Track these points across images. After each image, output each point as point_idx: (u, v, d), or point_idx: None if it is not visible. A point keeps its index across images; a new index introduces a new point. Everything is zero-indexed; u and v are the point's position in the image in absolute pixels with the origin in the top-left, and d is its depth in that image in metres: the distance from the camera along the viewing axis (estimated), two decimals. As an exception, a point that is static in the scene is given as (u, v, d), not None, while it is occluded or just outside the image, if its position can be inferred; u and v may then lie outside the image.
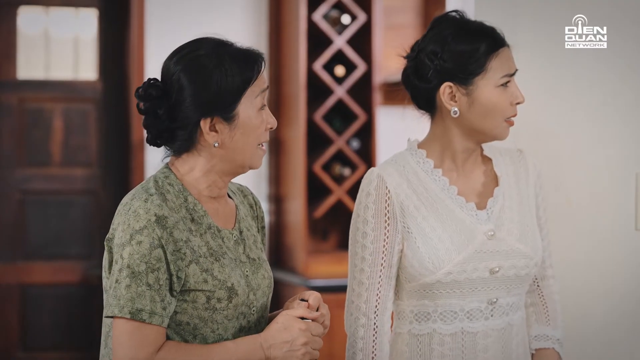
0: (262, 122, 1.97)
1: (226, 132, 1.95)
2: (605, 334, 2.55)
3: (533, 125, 2.52)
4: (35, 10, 5.20)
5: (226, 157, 1.97)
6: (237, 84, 1.93)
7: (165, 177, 1.98)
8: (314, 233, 5.09)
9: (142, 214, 1.88)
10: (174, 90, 1.95)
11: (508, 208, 2.24)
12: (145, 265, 1.86)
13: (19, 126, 5.13)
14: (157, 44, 4.97)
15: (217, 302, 1.92)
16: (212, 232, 1.97)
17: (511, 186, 2.27)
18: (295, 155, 4.90)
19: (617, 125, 2.56)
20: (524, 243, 2.21)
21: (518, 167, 2.30)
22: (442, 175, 2.24)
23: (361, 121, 4.93)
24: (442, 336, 2.20)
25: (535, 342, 2.29)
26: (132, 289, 1.85)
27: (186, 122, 1.95)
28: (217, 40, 1.99)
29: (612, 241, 2.56)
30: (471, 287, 2.19)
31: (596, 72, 2.55)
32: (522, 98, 2.19)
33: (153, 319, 1.85)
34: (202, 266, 1.92)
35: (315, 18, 4.85)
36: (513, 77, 2.19)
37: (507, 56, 2.19)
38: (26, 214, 5.15)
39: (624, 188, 2.56)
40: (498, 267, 2.19)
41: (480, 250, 2.19)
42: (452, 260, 2.17)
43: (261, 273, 2.04)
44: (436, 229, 2.19)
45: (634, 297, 2.56)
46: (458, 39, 2.17)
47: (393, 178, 2.22)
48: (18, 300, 5.14)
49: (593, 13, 2.53)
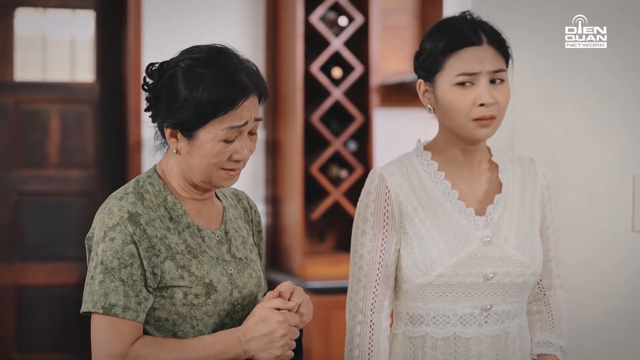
0: (220, 152, 1.95)
1: (185, 145, 1.97)
2: (603, 335, 2.55)
3: (531, 125, 2.52)
4: (32, 11, 5.19)
5: (187, 167, 2.00)
6: (203, 110, 1.93)
7: (148, 177, 2.02)
8: (310, 235, 5.10)
9: (116, 212, 1.93)
10: (161, 84, 1.98)
11: (508, 216, 2.22)
12: (118, 261, 1.90)
13: (15, 128, 5.12)
14: (154, 46, 4.97)
15: (195, 298, 1.94)
16: (191, 230, 2.00)
17: (515, 194, 2.25)
18: (292, 156, 4.90)
19: (616, 126, 2.56)
20: (521, 251, 2.20)
21: (526, 175, 2.29)
22: (445, 179, 2.23)
23: (358, 123, 4.94)
24: (435, 340, 2.20)
25: (537, 347, 2.27)
26: (105, 285, 1.89)
27: (158, 119, 2.00)
28: (218, 59, 1.97)
29: (610, 242, 2.56)
30: (464, 292, 2.18)
31: (596, 72, 2.55)
32: (485, 99, 2.14)
33: (127, 313, 1.89)
34: (178, 262, 1.94)
35: (312, 20, 4.85)
36: (479, 77, 2.16)
37: (473, 56, 2.16)
38: (22, 216, 5.14)
39: (622, 189, 2.56)
40: (492, 274, 2.18)
41: (475, 256, 2.18)
42: (445, 263, 2.17)
43: (248, 272, 2.05)
44: (432, 231, 2.19)
45: (631, 298, 2.57)
46: (428, 37, 2.21)
47: (394, 178, 2.23)
48: (14, 301, 5.13)
49: (593, 13, 2.53)
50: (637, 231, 2.55)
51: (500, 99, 2.16)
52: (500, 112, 2.17)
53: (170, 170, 2.02)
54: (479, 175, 2.25)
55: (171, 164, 2.02)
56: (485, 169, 2.26)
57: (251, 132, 2.00)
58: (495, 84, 2.17)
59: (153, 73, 2.00)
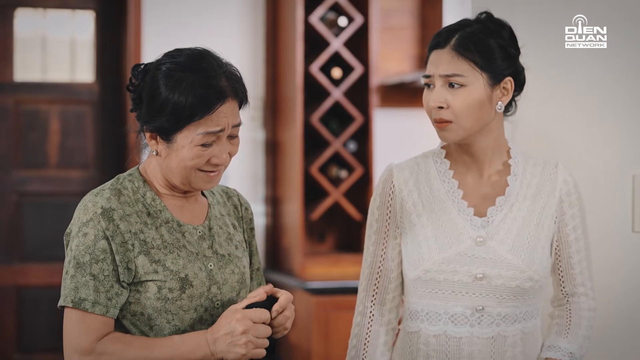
0: (197, 156, 1.96)
1: (163, 147, 1.99)
2: (603, 336, 2.55)
3: (531, 125, 2.52)
4: (32, 12, 5.19)
5: (166, 168, 2.01)
6: (180, 115, 1.94)
7: (129, 175, 2.05)
8: (310, 235, 5.10)
9: (90, 207, 1.95)
10: (142, 86, 1.99)
11: (511, 219, 2.21)
12: (90, 256, 1.91)
13: (15, 128, 5.12)
14: (154, 46, 4.96)
15: (169, 292, 1.95)
16: (170, 225, 2.01)
17: (527, 198, 2.23)
18: (292, 157, 4.90)
19: (616, 126, 2.56)
20: (516, 254, 2.18)
21: (545, 180, 2.25)
22: (452, 178, 2.24)
23: (358, 123, 4.94)
24: (427, 336, 2.22)
25: (545, 351, 2.24)
26: (76, 279, 1.91)
27: (140, 120, 2.01)
28: (198, 63, 1.97)
29: (609, 243, 2.56)
30: (453, 290, 2.19)
31: (596, 73, 2.55)
32: (432, 102, 2.15)
33: (96, 308, 1.90)
34: (152, 257, 1.95)
35: (312, 20, 4.85)
36: (434, 80, 2.16)
37: (433, 59, 2.17)
38: (22, 216, 5.14)
39: (621, 190, 2.56)
40: (482, 274, 2.17)
41: (464, 254, 2.18)
42: (432, 258, 2.19)
43: (230, 268, 2.06)
44: (426, 227, 2.21)
45: (631, 299, 2.57)
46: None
47: (402, 174, 2.27)
48: (14, 302, 5.13)
49: (593, 13, 2.53)
50: (637, 231, 2.55)
51: (454, 104, 2.14)
52: (455, 117, 2.15)
53: (153, 169, 2.04)
54: (488, 176, 2.24)
55: (153, 164, 2.04)
56: (497, 171, 2.25)
57: (231, 136, 1.99)
58: (453, 88, 2.15)
59: (138, 74, 2.01)
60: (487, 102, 2.16)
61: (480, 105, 2.15)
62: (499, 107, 2.18)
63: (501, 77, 2.17)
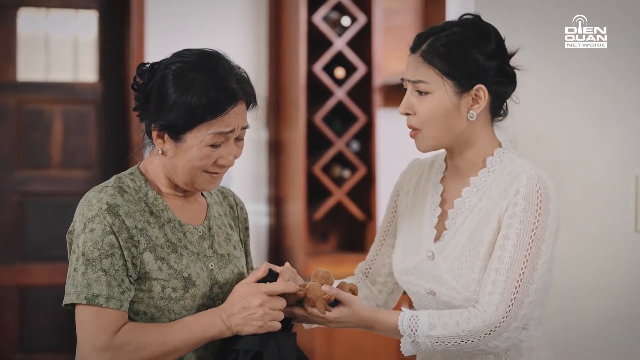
0: (206, 156, 1.98)
1: (171, 146, 1.99)
2: (605, 336, 2.56)
3: (532, 126, 2.52)
4: (35, 11, 5.19)
5: (172, 168, 2.01)
6: (192, 115, 1.95)
7: (130, 174, 2.05)
8: (313, 235, 5.09)
9: (95, 203, 1.94)
10: (151, 85, 1.99)
11: (460, 233, 2.12)
12: (99, 251, 1.91)
13: (18, 128, 5.12)
14: (157, 46, 4.96)
15: (172, 292, 1.97)
16: (172, 225, 2.02)
17: (481, 211, 2.11)
18: (295, 157, 4.90)
19: (617, 126, 2.56)
20: (452, 275, 2.10)
21: (502, 191, 2.10)
22: (440, 182, 2.22)
23: (361, 123, 4.93)
24: None
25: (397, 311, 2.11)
26: (87, 276, 1.91)
27: (145, 120, 2.02)
28: (209, 64, 1.98)
29: (613, 243, 2.55)
30: (415, 299, 2.20)
31: (596, 73, 2.54)
32: (399, 108, 2.14)
33: (110, 303, 1.90)
34: (157, 254, 1.96)
35: (315, 20, 4.85)
36: (406, 85, 2.14)
37: (409, 63, 2.14)
38: (25, 216, 5.14)
39: (624, 189, 2.55)
40: (430, 290, 2.14)
41: (417, 267, 2.17)
42: (396, 267, 2.22)
43: (229, 268, 2.07)
44: (403, 230, 2.23)
45: (634, 299, 2.56)
46: None
47: (411, 172, 2.29)
48: (16, 301, 5.13)
49: (593, 13, 2.53)
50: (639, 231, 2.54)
51: (419, 111, 2.11)
52: (421, 124, 2.10)
53: (155, 169, 2.04)
54: (467, 183, 2.17)
55: (155, 163, 2.04)
56: (472, 179, 2.16)
57: (238, 138, 2.01)
58: (420, 95, 2.11)
59: (144, 73, 2.02)
60: (454, 110, 2.09)
61: (445, 114, 2.09)
62: (471, 116, 2.10)
63: (469, 85, 2.09)
